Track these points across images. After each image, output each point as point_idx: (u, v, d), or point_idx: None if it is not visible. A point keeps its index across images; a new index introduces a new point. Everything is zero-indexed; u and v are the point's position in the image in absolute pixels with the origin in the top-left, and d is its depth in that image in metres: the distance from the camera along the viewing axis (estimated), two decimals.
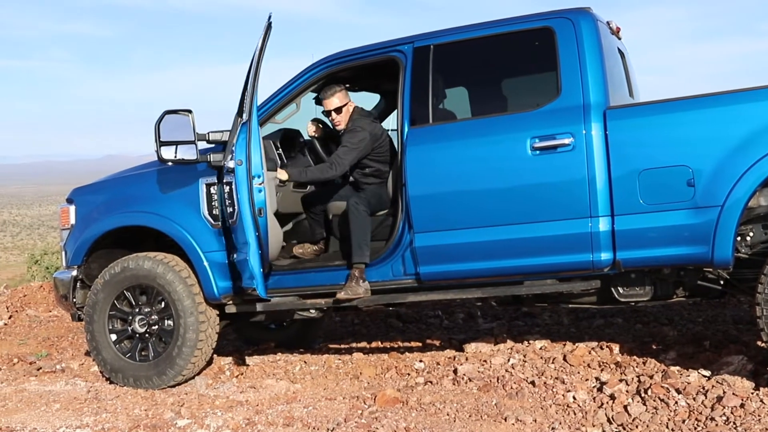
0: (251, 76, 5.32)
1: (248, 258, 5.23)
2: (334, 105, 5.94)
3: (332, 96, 5.92)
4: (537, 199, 5.10)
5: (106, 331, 6.05)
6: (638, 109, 5.16)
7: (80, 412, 5.35)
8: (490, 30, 5.49)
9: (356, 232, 5.60)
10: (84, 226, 6.23)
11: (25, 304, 10.65)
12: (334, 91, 5.92)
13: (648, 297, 5.33)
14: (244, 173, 5.24)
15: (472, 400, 5.11)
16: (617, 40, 5.89)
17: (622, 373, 5.42)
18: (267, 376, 6.24)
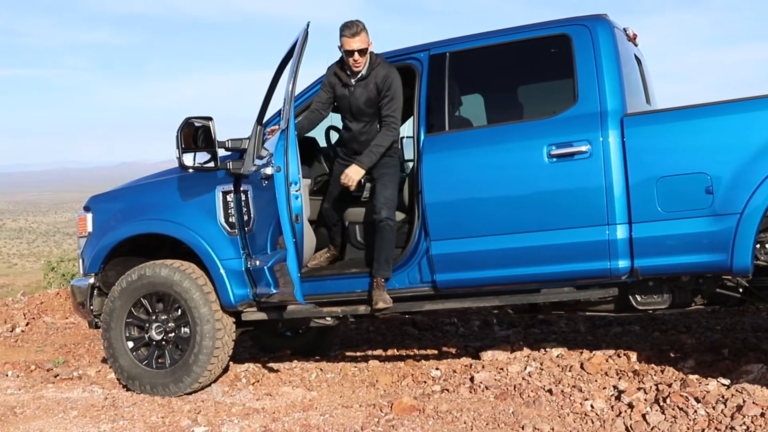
0: (289, 85, 5.27)
1: (287, 264, 5.18)
2: (361, 45, 5.53)
3: (359, 34, 5.51)
4: (554, 207, 5.08)
5: (123, 338, 6.07)
6: (656, 116, 5.14)
7: (97, 419, 5.36)
8: (506, 37, 5.49)
9: (385, 248, 5.53)
10: (101, 234, 6.26)
11: (42, 311, 10.70)
12: (360, 29, 5.52)
13: (666, 305, 5.30)
14: (283, 180, 5.17)
15: (489, 409, 5.08)
16: (634, 47, 5.87)
17: (640, 382, 5.39)
18: (283, 383, 6.23)
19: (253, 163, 5.56)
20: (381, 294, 5.49)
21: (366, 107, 5.66)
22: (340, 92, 5.73)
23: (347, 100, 5.70)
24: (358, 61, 5.56)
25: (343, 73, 5.70)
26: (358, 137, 5.75)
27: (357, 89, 5.64)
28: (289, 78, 5.28)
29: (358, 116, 5.72)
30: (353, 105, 5.69)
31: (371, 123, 5.72)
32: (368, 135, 5.71)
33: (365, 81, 5.62)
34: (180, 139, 5.52)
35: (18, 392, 6.26)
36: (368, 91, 5.61)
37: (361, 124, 5.74)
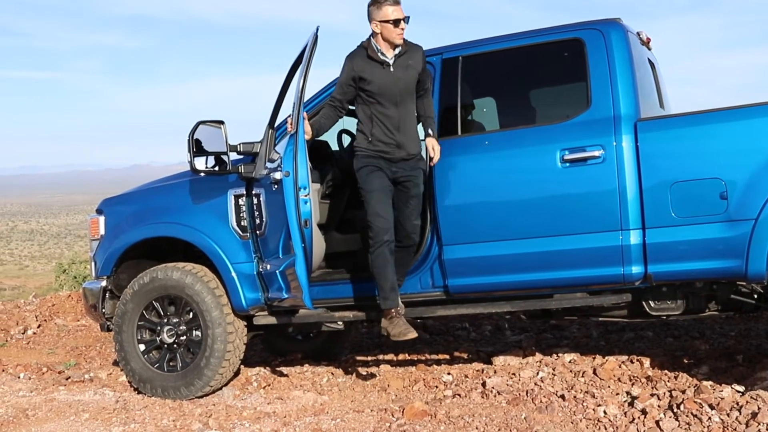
0: (298, 89, 5.25)
1: (295, 269, 5.17)
2: (404, 14, 5.24)
3: (398, 3, 5.25)
4: (567, 212, 5.06)
5: (135, 341, 6.08)
6: (670, 121, 5.12)
7: (109, 422, 5.37)
8: (519, 41, 5.47)
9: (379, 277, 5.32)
10: (113, 237, 6.27)
11: (54, 314, 10.73)
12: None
13: (680, 311, 5.27)
14: (291, 184, 5.15)
15: (501, 414, 5.06)
16: (647, 51, 5.84)
17: (653, 388, 5.35)
18: (294, 387, 6.23)
19: (265, 167, 5.57)
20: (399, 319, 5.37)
21: (411, 87, 5.31)
22: (375, 76, 5.25)
23: (388, 81, 5.25)
24: (404, 30, 5.25)
25: (377, 54, 5.28)
26: (403, 123, 5.30)
27: (397, 69, 5.27)
28: (298, 82, 5.27)
29: (402, 98, 5.28)
30: (397, 85, 5.26)
31: (411, 106, 5.34)
32: (410, 119, 5.34)
33: (404, 57, 5.29)
34: (192, 143, 5.53)
35: (30, 394, 6.28)
36: (411, 69, 5.27)
37: (403, 108, 5.29)
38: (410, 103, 5.32)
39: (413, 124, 5.33)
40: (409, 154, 5.27)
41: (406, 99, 5.29)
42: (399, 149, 5.25)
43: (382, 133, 5.25)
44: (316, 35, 5.28)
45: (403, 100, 5.27)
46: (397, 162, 5.26)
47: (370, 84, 5.23)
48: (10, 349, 8.70)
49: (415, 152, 5.29)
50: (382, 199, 5.24)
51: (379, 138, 5.26)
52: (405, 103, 5.28)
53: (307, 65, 5.23)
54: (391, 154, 5.25)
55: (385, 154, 5.25)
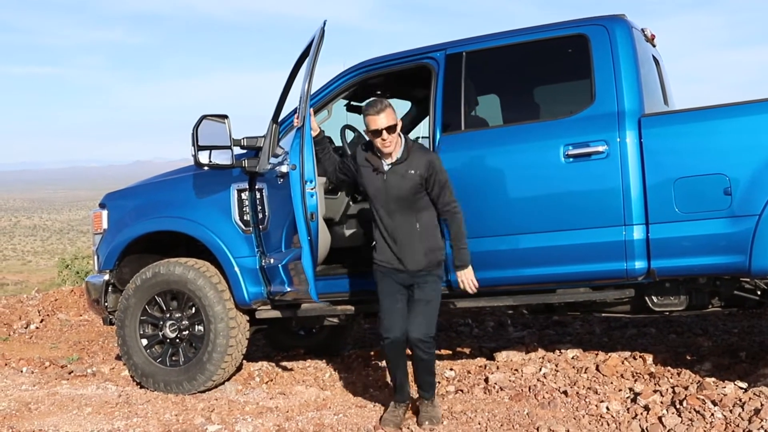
0: (305, 83, 5.21)
1: (302, 262, 5.15)
2: (388, 122, 4.75)
3: (384, 110, 4.77)
4: (570, 207, 5.05)
5: (137, 335, 6.09)
6: (674, 117, 5.10)
7: (111, 416, 5.37)
8: (523, 37, 5.46)
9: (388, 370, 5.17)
10: (116, 231, 6.28)
11: (57, 308, 10.75)
12: (385, 105, 4.80)
13: (683, 307, 5.27)
14: (298, 178, 5.10)
15: (504, 410, 5.06)
16: (652, 48, 5.82)
17: (656, 384, 5.35)
18: (297, 382, 6.23)
19: (269, 162, 5.56)
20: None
21: (405, 196, 4.80)
22: (368, 179, 4.91)
23: (380, 188, 4.85)
24: (386, 140, 4.74)
25: (374, 157, 4.90)
26: (400, 234, 4.84)
27: (392, 176, 4.81)
28: (305, 77, 5.25)
29: (394, 207, 4.82)
30: (389, 194, 4.81)
31: (408, 217, 4.83)
32: (409, 231, 4.84)
33: (403, 165, 4.81)
34: (195, 137, 5.52)
35: (33, 388, 6.29)
36: (408, 179, 4.77)
37: (396, 218, 4.84)
38: (409, 215, 4.83)
39: (413, 237, 4.83)
40: (408, 269, 4.86)
41: (403, 209, 4.82)
42: (398, 262, 4.86)
43: (383, 241, 4.91)
44: (323, 29, 5.25)
45: (398, 210, 4.82)
46: (398, 273, 4.89)
47: (363, 186, 4.99)
48: (13, 344, 8.72)
49: (415, 269, 4.83)
50: (388, 302, 4.90)
51: (381, 247, 4.93)
52: (401, 214, 4.82)
53: (314, 59, 5.20)
54: (390, 263, 4.89)
55: (387, 263, 4.90)
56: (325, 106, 5.94)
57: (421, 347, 4.80)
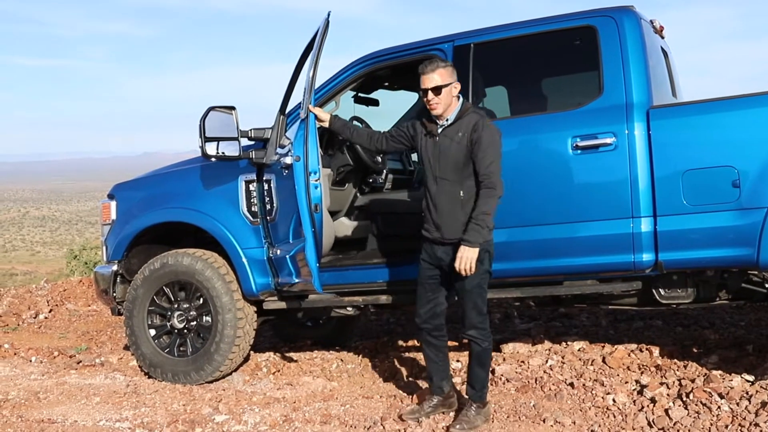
0: (309, 74, 5.21)
1: (305, 253, 5.16)
2: (438, 82, 4.58)
3: (437, 69, 4.61)
4: (577, 199, 5.04)
5: (145, 326, 6.12)
6: (682, 109, 5.09)
7: (120, 405, 5.40)
8: (531, 28, 5.45)
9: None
10: (124, 222, 6.30)
11: (65, 298, 10.80)
12: (438, 64, 4.63)
13: (690, 299, 5.26)
14: (302, 169, 5.11)
15: (510, 401, 5.07)
16: (660, 39, 5.80)
17: (662, 377, 5.35)
18: (304, 373, 6.25)
19: (275, 153, 5.57)
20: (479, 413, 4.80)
21: (450, 162, 4.59)
22: (422, 143, 4.75)
23: (431, 152, 4.68)
24: (432, 101, 4.60)
25: (429, 122, 4.75)
26: (435, 200, 4.65)
27: (442, 140, 4.63)
28: (309, 68, 5.25)
29: (443, 174, 4.61)
30: (439, 159, 4.63)
31: (453, 184, 4.59)
32: (449, 199, 4.60)
33: (452, 128, 4.63)
34: (203, 128, 5.53)
35: (41, 378, 6.33)
36: (456, 142, 4.57)
37: (442, 185, 4.62)
38: (454, 183, 4.58)
39: (453, 206, 4.58)
40: (444, 238, 4.64)
41: (450, 176, 4.58)
42: (435, 230, 4.66)
43: (426, 210, 4.72)
44: (328, 21, 5.25)
45: (446, 177, 4.59)
46: (435, 244, 4.69)
47: (419, 152, 4.84)
48: (22, 333, 8.77)
49: (450, 238, 4.60)
50: (422, 288, 4.83)
51: (425, 217, 4.74)
52: (445, 181, 4.60)
53: (318, 51, 5.19)
54: (428, 232, 4.70)
55: (426, 232, 4.73)
56: (333, 97, 5.94)
57: (473, 338, 4.71)
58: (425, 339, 4.91)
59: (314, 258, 5.16)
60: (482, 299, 4.70)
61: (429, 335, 4.87)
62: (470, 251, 4.48)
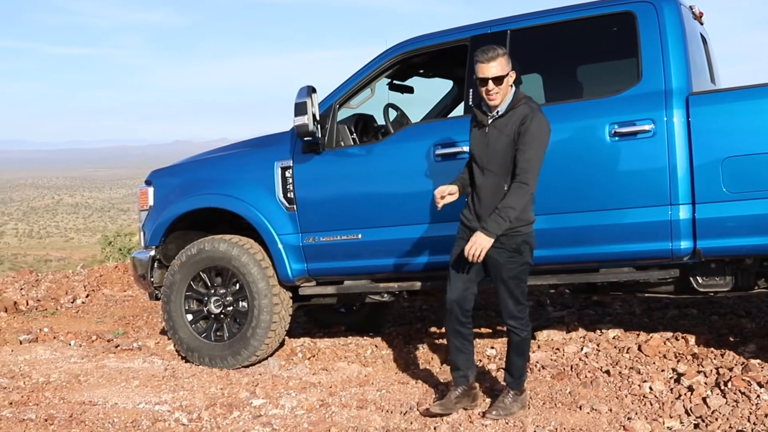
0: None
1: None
2: (497, 72, 4.42)
3: (496, 58, 4.43)
4: (615, 186, 5.00)
5: (183, 311, 6.19)
6: (722, 95, 5.02)
7: (158, 389, 5.49)
8: (568, 15, 5.40)
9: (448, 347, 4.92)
10: (162, 208, 6.37)
11: (102, 284, 10.95)
12: (498, 53, 4.45)
13: (728, 288, 5.20)
14: None
15: (546, 388, 5.07)
16: (699, 26, 5.73)
17: (699, 365, 5.31)
18: (338, 359, 6.30)
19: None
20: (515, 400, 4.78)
21: (498, 155, 4.47)
22: (473, 135, 4.65)
23: (480, 144, 4.58)
24: (491, 91, 4.43)
25: (480, 112, 4.61)
26: (479, 191, 4.58)
27: (492, 132, 4.51)
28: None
29: (490, 166, 4.51)
30: (487, 151, 4.53)
31: (499, 177, 4.49)
32: (495, 193, 4.50)
33: (503, 120, 4.49)
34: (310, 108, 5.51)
35: (81, 361, 6.44)
36: (505, 135, 4.45)
37: (488, 177, 4.53)
38: (499, 176, 4.48)
39: (496, 198, 4.48)
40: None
41: (494, 168, 4.49)
42: (475, 219, 4.58)
43: (469, 199, 4.68)
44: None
45: (493, 169, 4.49)
46: (472, 231, 4.52)
47: (470, 145, 4.71)
48: (61, 318, 8.91)
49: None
50: (453, 268, 4.72)
51: (467, 203, 4.69)
52: (493, 174, 4.49)
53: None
54: (468, 220, 4.64)
55: (466, 220, 4.66)
56: (368, 84, 5.96)
57: (512, 327, 4.64)
58: (453, 327, 4.78)
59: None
60: (520, 290, 4.65)
61: (457, 321, 4.75)
62: (484, 239, 4.39)
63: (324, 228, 5.75)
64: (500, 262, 4.55)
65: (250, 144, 6.39)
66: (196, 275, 6.16)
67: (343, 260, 5.77)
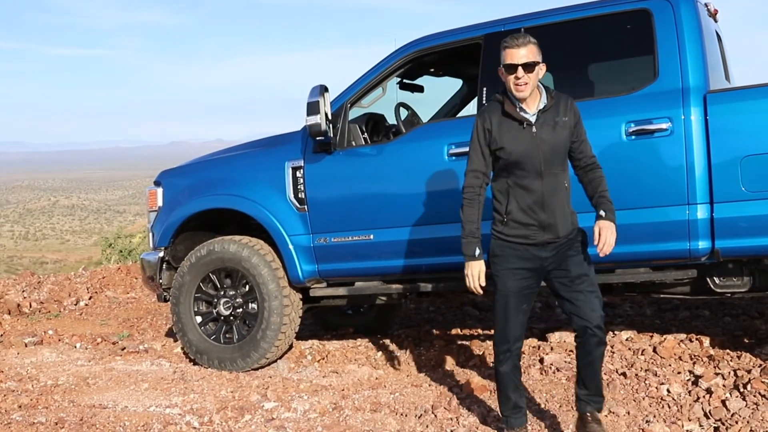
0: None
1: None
2: (528, 58, 3.95)
3: (527, 45, 3.97)
4: (631, 186, 4.93)
5: (192, 313, 6.12)
6: (740, 93, 4.95)
7: (168, 392, 5.41)
8: (583, 12, 5.34)
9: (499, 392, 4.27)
10: (171, 209, 6.30)
11: (104, 286, 10.88)
12: (528, 39, 4.00)
13: (746, 288, 5.13)
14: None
15: (562, 391, 5.01)
16: (714, 23, 5.68)
17: (716, 367, 5.25)
18: (349, 361, 6.23)
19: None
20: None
21: (558, 152, 4.00)
22: (513, 137, 3.97)
23: (530, 145, 3.95)
24: (521, 79, 3.91)
25: (513, 108, 4.00)
26: (548, 198, 3.99)
27: (543, 128, 3.97)
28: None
29: (546, 167, 3.96)
30: (542, 150, 3.95)
31: (559, 176, 4.02)
32: (560, 193, 4.02)
33: (551, 113, 4.02)
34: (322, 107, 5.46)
35: (88, 364, 6.36)
36: (561, 127, 4.00)
37: (547, 180, 3.98)
38: (561, 174, 4.02)
39: (564, 199, 4.04)
40: (557, 237, 4.02)
41: (555, 168, 3.99)
42: (543, 232, 3.99)
43: (521, 212, 3.99)
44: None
45: (549, 170, 3.97)
46: (542, 246, 4.02)
47: (505, 149, 3.98)
48: (64, 320, 8.84)
49: (566, 233, 4.05)
50: (511, 305, 4.06)
51: (517, 219, 4.00)
52: (552, 174, 3.98)
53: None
54: (530, 238, 4.00)
55: (525, 239, 4.01)
56: (379, 83, 5.89)
57: (601, 335, 4.03)
58: (513, 364, 4.14)
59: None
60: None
61: (518, 358, 4.16)
62: (613, 228, 4.01)
63: (335, 229, 5.69)
64: (582, 255, 4.10)
65: (260, 144, 6.32)
66: (206, 277, 6.09)
67: (355, 261, 5.71)
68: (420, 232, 5.51)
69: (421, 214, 5.49)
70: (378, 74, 5.82)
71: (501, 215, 4.05)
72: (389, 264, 5.64)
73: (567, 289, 4.06)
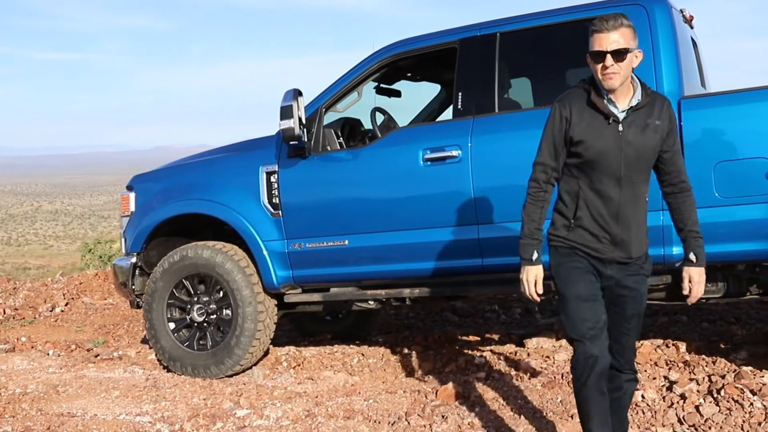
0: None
1: None
2: (619, 44, 3.36)
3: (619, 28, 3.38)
4: None
5: (165, 319, 6.05)
6: (714, 99, 4.96)
7: (139, 399, 5.34)
8: (558, 17, 5.33)
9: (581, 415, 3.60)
10: (143, 214, 6.23)
11: (81, 292, 10.77)
12: (621, 23, 3.39)
13: (720, 294, 5.13)
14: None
15: (537, 397, 4.97)
16: (690, 29, 5.68)
17: (691, 373, 5.25)
18: (324, 367, 6.18)
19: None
20: None
21: (644, 158, 3.43)
22: (595, 131, 3.39)
23: (612, 143, 3.37)
24: (610, 68, 3.32)
25: (601, 100, 3.42)
26: (625, 210, 3.44)
27: (630, 128, 3.38)
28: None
29: (626, 173, 3.40)
30: (625, 152, 3.37)
31: (640, 186, 3.46)
32: (638, 206, 3.47)
33: (643, 113, 3.41)
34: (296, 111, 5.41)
35: (59, 371, 6.27)
36: (651, 131, 3.40)
37: (625, 189, 3.42)
38: (642, 185, 3.47)
39: (642, 214, 3.52)
40: (629, 257, 3.49)
41: (637, 176, 3.42)
42: (613, 248, 3.45)
43: (591, 220, 3.45)
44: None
45: (630, 177, 3.40)
46: (608, 264, 3.49)
47: (583, 144, 3.41)
48: (39, 327, 8.73)
49: (638, 255, 3.52)
50: (588, 308, 3.48)
51: (586, 226, 3.46)
52: (632, 182, 3.42)
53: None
54: (600, 252, 3.46)
55: (592, 251, 3.47)
56: (354, 88, 5.86)
57: (634, 375, 3.72)
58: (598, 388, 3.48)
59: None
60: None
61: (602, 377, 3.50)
62: (703, 273, 3.57)
63: (310, 234, 5.64)
64: (642, 292, 3.59)
65: (234, 148, 6.26)
66: (179, 283, 6.02)
67: (330, 267, 5.66)
68: (395, 237, 5.47)
69: (396, 220, 5.45)
70: (353, 78, 5.78)
71: (567, 220, 3.51)
72: (364, 270, 5.60)
73: (614, 326, 3.55)
